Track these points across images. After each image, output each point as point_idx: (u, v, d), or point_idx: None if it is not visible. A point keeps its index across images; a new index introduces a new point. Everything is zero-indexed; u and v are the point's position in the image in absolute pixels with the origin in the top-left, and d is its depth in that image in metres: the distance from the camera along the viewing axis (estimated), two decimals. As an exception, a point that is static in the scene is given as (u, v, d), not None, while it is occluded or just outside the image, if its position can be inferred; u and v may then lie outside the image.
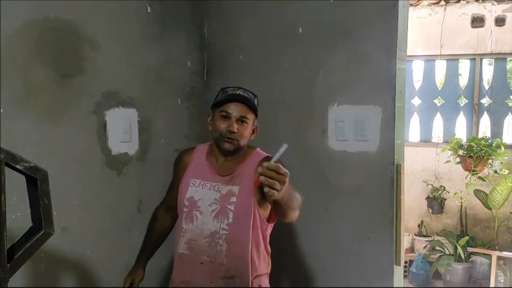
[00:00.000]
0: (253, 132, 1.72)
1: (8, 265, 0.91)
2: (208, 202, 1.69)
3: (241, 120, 1.64)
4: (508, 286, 3.94)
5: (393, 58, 1.84)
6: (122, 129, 2.06)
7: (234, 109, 1.63)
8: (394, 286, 1.88)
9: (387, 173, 1.88)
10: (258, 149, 1.78)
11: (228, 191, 1.68)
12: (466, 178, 4.44)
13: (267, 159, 1.62)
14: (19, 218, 1.62)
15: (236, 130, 1.62)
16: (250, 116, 1.67)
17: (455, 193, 4.51)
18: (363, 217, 1.95)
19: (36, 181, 0.97)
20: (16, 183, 1.05)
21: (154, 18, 2.20)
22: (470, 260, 4.26)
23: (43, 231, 0.98)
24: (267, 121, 2.19)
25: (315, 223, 2.07)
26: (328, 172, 2.03)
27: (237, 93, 1.67)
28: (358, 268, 1.96)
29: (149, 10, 2.18)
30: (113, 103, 2.03)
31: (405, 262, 4.49)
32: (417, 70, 5.00)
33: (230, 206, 1.67)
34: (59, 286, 1.87)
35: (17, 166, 0.92)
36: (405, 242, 2.81)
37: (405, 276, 4.30)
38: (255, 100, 1.71)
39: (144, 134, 2.18)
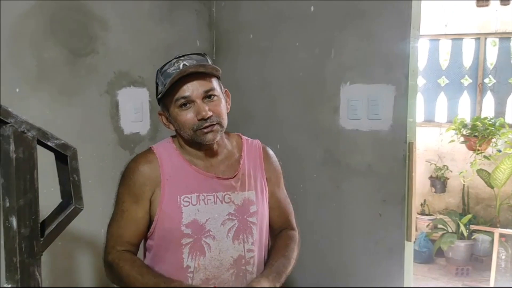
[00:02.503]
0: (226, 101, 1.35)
1: (41, 239, 0.92)
2: (220, 220, 1.31)
3: (208, 96, 1.27)
4: (510, 262, 4.00)
5: (407, 36, 1.83)
6: (134, 109, 2.07)
7: (192, 89, 1.24)
8: (405, 261, 1.91)
9: (399, 151, 1.90)
10: (241, 134, 1.48)
11: (245, 199, 1.35)
12: (470, 157, 4.47)
13: (265, 150, 1.47)
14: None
15: (210, 113, 1.25)
16: (215, 84, 1.29)
17: (461, 172, 4.54)
18: (375, 195, 1.97)
19: (66, 158, 0.98)
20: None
21: (164, -3, 2.18)
22: (472, 237, 4.32)
23: (73, 207, 0.99)
24: (278, 101, 2.20)
25: (327, 201, 2.10)
26: (340, 151, 2.05)
27: (182, 65, 1.25)
28: (369, 245, 2.00)
29: (158, -12, 2.16)
30: (125, 82, 2.03)
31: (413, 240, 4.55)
32: (422, 49, 4.98)
33: (252, 218, 1.35)
34: (75, 262, 1.90)
35: (48, 143, 0.93)
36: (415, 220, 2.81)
37: (408, 254, 4.36)
38: (206, 58, 1.32)
39: (155, 114, 2.18)
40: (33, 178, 0.91)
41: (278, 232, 1.48)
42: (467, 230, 4.29)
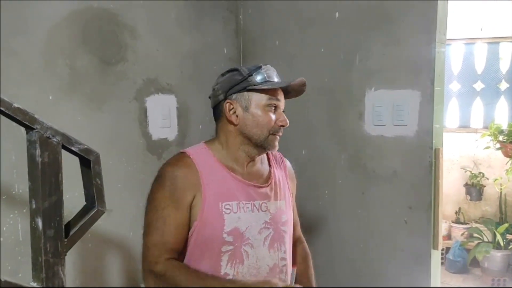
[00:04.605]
0: None
1: (66, 240, 0.97)
2: (258, 228, 1.32)
3: (283, 111, 1.38)
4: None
5: (432, 41, 1.81)
6: (161, 115, 2.12)
7: (282, 99, 1.35)
8: (432, 270, 1.88)
9: (425, 158, 1.87)
10: None
11: (278, 208, 1.38)
12: (506, 164, 4.32)
13: (285, 161, 1.52)
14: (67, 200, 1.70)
15: (288, 123, 1.34)
16: None
17: (495, 180, 4.39)
18: (400, 201, 1.94)
19: (89, 162, 1.03)
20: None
21: (191, 6, 2.23)
22: (509, 247, 4.16)
23: (96, 209, 1.04)
24: (303, 107, 2.21)
25: (352, 207, 2.09)
26: (365, 157, 2.03)
27: (280, 79, 1.36)
28: (395, 252, 1.97)
29: (186, -3, 2.22)
30: (153, 89, 2.09)
31: (442, 249, 4.44)
32: (456, 54, 4.86)
33: (284, 227, 1.38)
34: (104, 263, 1.97)
35: (72, 148, 0.98)
36: (442, 229, 2.77)
37: (442, 263, 4.25)
38: None
39: (183, 120, 2.23)
40: (58, 181, 0.96)
41: (293, 242, 1.51)
42: (504, 240, 4.14)
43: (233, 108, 1.32)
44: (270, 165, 1.44)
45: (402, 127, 1.91)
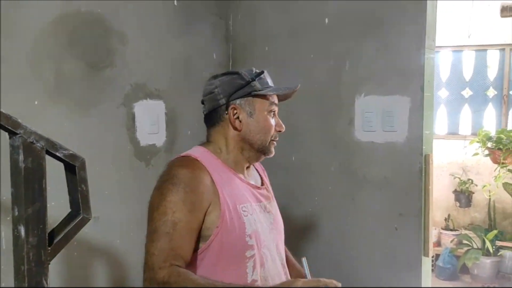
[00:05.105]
0: None
1: (49, 248, 0.94)
2: (268, 229, 1.32)
3: None
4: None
5: (422, 47, 1.82)
6: (150, 121, 2.10)
7: (277, 104, 1.36)
8: (422, 277, 1.87)
9: (415, 164, 1.86)
10: None
11: (275, 208, 1.41)
12: (494, 171, 4.35)
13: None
14: (53, 207, 1.67)
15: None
16: None
17: (484, 186, 4.42)
18: (391, 208, 1.94)
19: (74, 168, 1.00)
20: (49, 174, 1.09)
21: (181, 11, 2.22)
22: (498, 254, 4.18)
23: (81, 217, 1.01)
24: (293, 113, 2.20)
25: (342, 214, 2.07)
26: (355, 163, 2.03)
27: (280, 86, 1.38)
28: (385, 259, 1.96)
29: (175, 3, 2.20)
30: (141, 95, 2.06)
31: (432, 256, 4.45)
32: (444, 61, 4.91)
33: (281, 227, 1.41)
34: (91, 274, 1.93)
35: (57, 154, 0.95)
36: (432, 235, 2.74)
37: (432, 270, 4.26)
38: None
39: (171, 126, 2.21)
40: (42, 187, 0.93)
41: None
42: (493, 246, 4.16)
43: (237, 113, 1.29)
44: (257, 168, 1.48)
45: (392, 133, 1.90)
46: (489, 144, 4.32)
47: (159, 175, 1.27)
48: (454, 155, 4.79)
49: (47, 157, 0.96)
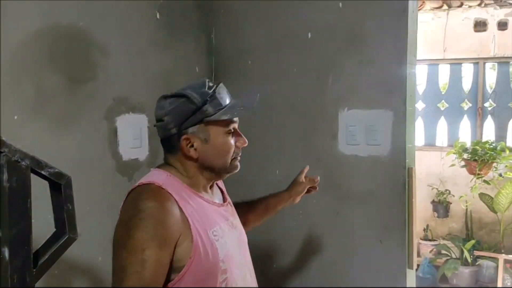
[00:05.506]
0: None
1: (34, 270, 0.91)
2: (237, 246, 1.31)
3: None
4: (515, 289, 3.93)
5: (404, 62, 1.85)
6: (132, 135, 2.07)
7: (237, 118, 1.28)
8: (407, 289, 1.88)
9: (399, 177, 1.88)
10: None
11: (239, 222, 1.39)
12: (471, 181, 4.45)
13: None
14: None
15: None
16: None
17: (461, 197, 4.51)
18: (375, 221, 1.95)
19: (60, 187, 0.97)
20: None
21: (163, 24, 2.21)
22: (476, 263, 4.25)
23: (67, 236, 0.98)
24: (276, 127, 2.20)
25: (327, 227, 2.07)
26: (339, 177, 2.03)
27: (230, 98, 1.27)
28: (370, 272, 1.96)
29: (158, 16, 2.19)
30: (124, 108, 2.03)
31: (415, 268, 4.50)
32: (421, 74, 5.02)
33: (245, 237, 1.40)
34: (72, 292, 1.87)
35: (42, 172, 0.93)
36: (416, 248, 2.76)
37: (411, 281, 4.29)
38: None
39: (154, 140, 2.18)
40: (26, 207, 0.90)
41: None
42: (471, 256, 4.23)
43: (190, 142, 1.21)
44: (217, 183, 1.41)
45: (375, 146, 1.92)
46: (465, 156, 4.42)
47: (122, 206, 1.21)
48: (431, 166, 4.88)
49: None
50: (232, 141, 1.25)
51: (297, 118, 2.15)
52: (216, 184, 1.41)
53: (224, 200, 1.39)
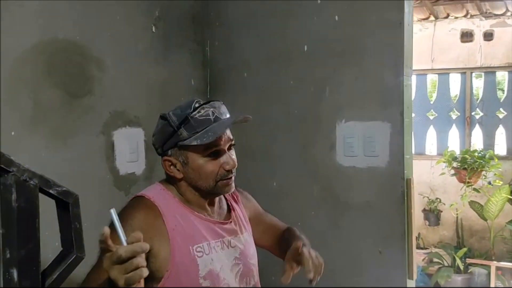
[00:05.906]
0: None
1: (43, 291, 0.89)
2: (230, 266, 1.27)
3: (231, 145, 1.27)
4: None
5: (400, 74, 1.87)
6: (129, 149, 2.05)
7: (224, 139, 1.22)
8: (407, 300, 1.88)
9: (397, 188, 1.89)
10: None
11: (245, 241, 1.34)
12: (461, 190, 4.50)
13: (239, 191, 1.43)
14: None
15: (236, 163, 1.25)
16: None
17: (451, 205, 4.56)
18: (374, 232, 1.95)
19: (67, 205, 0.96)
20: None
21: (159, 38, 2.21)
22: (468, 271, 4.28)
23: (75, 256, 0.97)
24: (274, 139, 2.20)
25: (325, 239, 2.07)
26: (337, 188, 2.04)
27: (215, 116, 1.21)
28: (370, 283, 1.96)
29: (153, 30, 2.19)
30: (120, 122, 2.02)
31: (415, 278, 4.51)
32: (410, 84, 5.08)
33: (252, 260, 1.34)
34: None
35: (51, 191, 0.91)
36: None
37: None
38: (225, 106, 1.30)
39: (151, 153, 2.16)
40: (35, 227, 0.89)
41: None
42: (463, 264, 4.26)
43: (171, 164, 1.23)
44: (226, 199, 1.38)
45: (373, 157, 1.93)
46: (455, 164, 4.47)
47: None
48: (421, 175, 4.92)
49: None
50: (213, 164, 1.21)
51: (294, 131, 2.15)
52: (227, 200, 1.38)
53: (229, 217, 1.34)
